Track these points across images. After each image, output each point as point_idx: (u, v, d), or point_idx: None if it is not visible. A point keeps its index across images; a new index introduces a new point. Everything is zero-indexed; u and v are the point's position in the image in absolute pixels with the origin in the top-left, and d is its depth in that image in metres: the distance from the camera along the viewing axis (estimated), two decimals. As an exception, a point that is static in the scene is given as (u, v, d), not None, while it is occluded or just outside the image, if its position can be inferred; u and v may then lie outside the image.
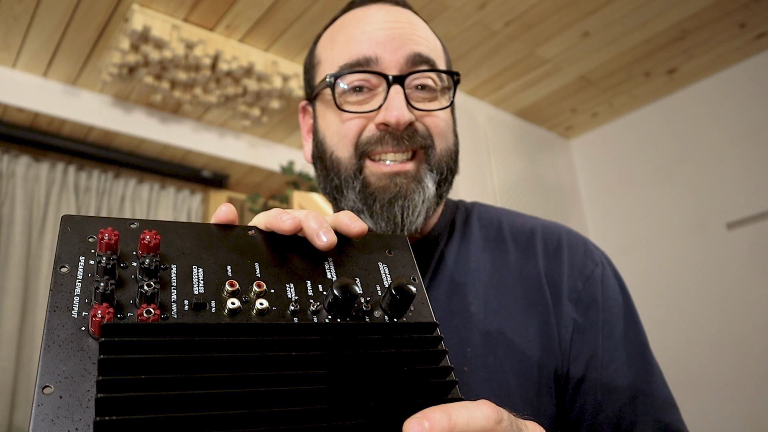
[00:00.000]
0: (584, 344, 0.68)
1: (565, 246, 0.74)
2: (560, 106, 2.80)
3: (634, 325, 0.71)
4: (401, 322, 0.43)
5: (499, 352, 0.67)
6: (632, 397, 0.66)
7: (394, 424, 0.36)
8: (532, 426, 0.40)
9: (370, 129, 0.70)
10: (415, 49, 0.71)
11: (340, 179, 0.72)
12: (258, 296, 0.41)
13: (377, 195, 0.69)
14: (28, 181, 2.49)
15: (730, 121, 2.53)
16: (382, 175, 0.70)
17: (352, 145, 0.71)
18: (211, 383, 0.34)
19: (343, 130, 0.72)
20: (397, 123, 0.68)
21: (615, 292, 0.72)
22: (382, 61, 0.70)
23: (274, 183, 3.05)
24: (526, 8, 2.10)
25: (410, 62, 0.71)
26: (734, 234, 2.43)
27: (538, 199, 2.77)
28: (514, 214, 0.81)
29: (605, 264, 0.74)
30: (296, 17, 2.10)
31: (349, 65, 0.71)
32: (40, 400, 0.32)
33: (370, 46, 0.71)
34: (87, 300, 0.37)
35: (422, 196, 0.70)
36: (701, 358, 2.40)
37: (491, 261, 0.74)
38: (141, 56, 2.15)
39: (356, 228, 0.46)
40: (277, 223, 0.45)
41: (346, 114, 0.72)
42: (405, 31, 0.72)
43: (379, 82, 0.71)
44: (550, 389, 0.67)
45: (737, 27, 2.29)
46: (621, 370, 0.67)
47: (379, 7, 0.75)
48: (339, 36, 0.75)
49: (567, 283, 0.71)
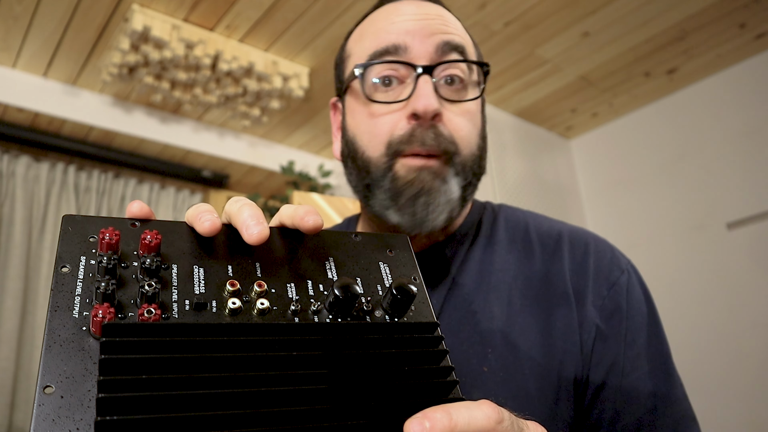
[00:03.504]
0: (606, 351, 0.67)
1: (591, 252, 0.73)
2: (560, 106, 2.80)
3: (658, 336, 0.70)
4: (402, 321, 0.43)
5: (519, 353, 0.66)
6: (652, 408, 0.65)
7: (395, 424, 0.36)
8: (533, 426, 0.40)
9: (401, 126, 0.69)
10: (445, 38, 0.70)
11: (371, 178, 0.71)
12: (259, 296, 0.41)
13: (404, 189, 0.68)
14: (28, 181, 2.49)
15: (730, 121, 2.53)
16: (411, 168, 0.68)
17: (384, 144, 0.70)
18: (212, 383, 0.34)
19: (374, 129, 0.71)
20: (425, 111, 0.67)
21: (640, 301, 0.71)
22: (411, 50, 0.70)
23: (274, 183, 3.06)
24: (526, 8, 2.10)
25: (440, 51, 0.70)
26: (734, 234, 2.43)
27: (538, 199, 2.77)
28: (541, 217, 0.80)
29: (631, 272, 0.73)
30: (296, 17, 2.10)
31: (378, 53, 0.70)
32: (41, 399, 0.32)
33: (399, 35, 0.70)
34: (88, 300, 0.37)
35: (446, 196, 0.69)
36: (701, 358, 2.40)
37: (516, 262, 0.73)
38: (141, 56, 2.15)
39: (310, 222, 0.43)
40: (196, 223, 0.42)
41: (375, 105, 0.71)
42: (435, 21, 0.71)
43: (408, 73, 0.70)
44: (569, 393, 0.66)
45: (737, 27, 2.29)
46: (642, 379, 0.66)
47: (410, 2, 0.74)
48: (369, 29, 0.75)
49: (592, 289, 0.70)
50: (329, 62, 2.35)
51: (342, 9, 2.05)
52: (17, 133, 2.42)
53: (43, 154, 2.56)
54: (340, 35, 2.19)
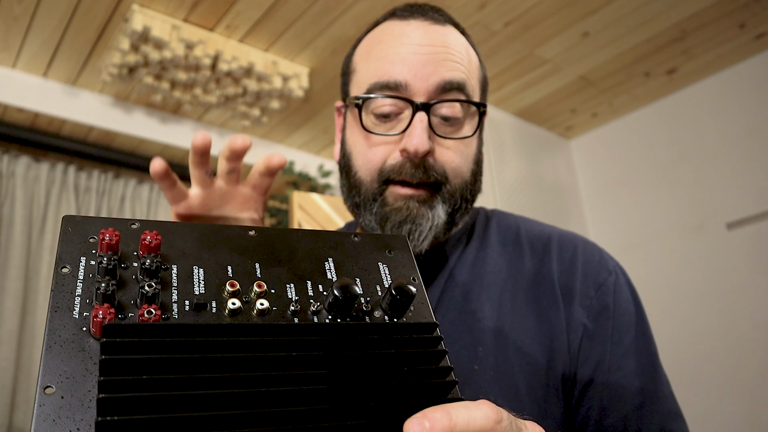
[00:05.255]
0: (593, 350, 0.69)
1: (580, 254, 0.75)
2: (560, 106, 2.80)
3: (645, 335, 0.72)
4: (401, 322, 0.43)
5: (509, 352, 0.68)
6: (639, 405, 0.67)
7: (395, 424, 0.36)
8: (531, 426, 0.40)
9: (393, 157, 0.72)
10: (446, 76, 0.72)
11: (360, 199, 0.75)
12: (258, 296, 0.41)
13: (390, 215, 0.72)
14: (28, 181, 2.49)
15: (730, 121, 2.53)
16: (399, 196, 0.72)
17: (376, 171, 0.73)
18: (212, 383, 0.35)
19: (368, 155, 0.74)
20: (415, 152, 0.69)
21: (627, 301, 0.73)
22: (411, 87, 0.71)
23: (274, 183, 3.05)
24: (526, 8, 2.10)
25: (439, 89, 0.72)
26: (734, 234, 2.43)
27: (538, 199, 2.77)
28: (533, 221, 0.83)
29: (619, 273, 0.75)
30: (296, 17, 2.10)
31: (379, 86, 0.73)
32: (42, 400, 0.33)
33: (402, 71, 0.72)
34: (88, 300, 0.37)
35: (431, 223, 0.71)
36: (701, 358, 2.40)
37: (507, 264, 0.76)
38: (141, 56, 2.15)
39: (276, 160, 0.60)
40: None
41: (371, 135, 0.74)
42: (439, 55, 0.72)
43: (405, 106, 0.72)
44: (557, 391, 0.68)
45: (737, 27, 2.29)
46: (629, 377, 0.68)
47: (418, 25, 0.75)
48: (375, 50, 0.76)
49: (579, 290, 0.72)
50: (329, 62, 2.35)
51: (342, 9, 2.05)
52: (17, 133, 2.42)
53: (43, 154, 2.56)
54: (340, 35, 2.19)
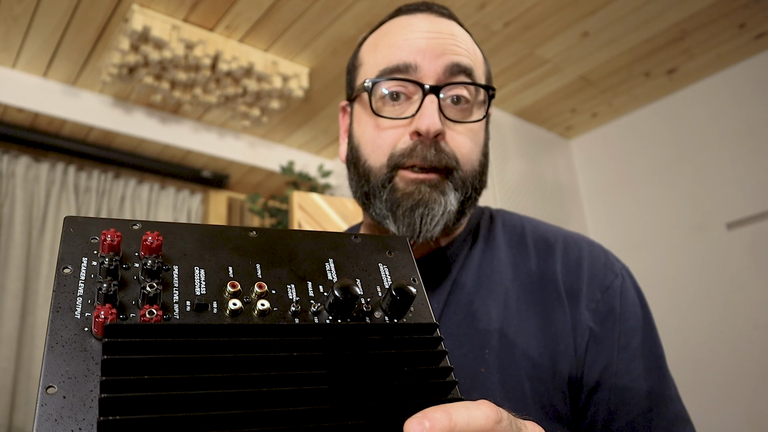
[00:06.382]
0: (600, 353, 0.68)
1: (586, 256, 0.75)
2: (560, 106, 2.80)
3: (652, 339, 0.71)
4: (401, 322, 0.43)
5: (515, 354, 0.68)
6: (646, 409, 0.66)
7: (395, 424, 0.36)
8: (531, 426, 0.40)
9: (404, 141, 0.71)
10: (455, 59, 0.72)
11: (369, 187, 0.73)
12: (259, 297, 0.41)
13: (401, 201, 0.71)
14: (28, 181, 2.49)
15: (730, 121, 2.53)
16: (410, 180, 0.71)
17: (386, 156, 0.72)
18: (213, 383, 0.35)
19: (378, 140, 0.73)
20: (427, 131, 0.69)
21: (634, 304, 0.72)
22: (421, 69, 0.71)
23: (274, 183, 3.06)
24: (526, 8, 2.10)
25: (448, 72, 0.72)
26: (734, 234, 2.43)
27: (538, 199, 2.77)
28: (538, 221, 0.82)
29: (626, 276, 0.74)
30: (296, 17, 2.10)
31: (388, 70, 0.72)
32: (44, 400, 0.33)
33: (411, 54, 0.72)
34: (90, 301, 0.38)
35: (443, 208, 0.70)
36: (701, 358, 2.40)
37: (513, 265, 0.75)
38: (141, 56, 2.15)
39: None
40: None
41: (381, 119, 0.73)
42: (446, 41, 0.73)
43: (415, 90, 0.72)
44: (564, 394, 0.67)
45: (737, 27, 2.29)
46: (636, 381, 0.67)
47: (425, 17, 0.76)
48: (382, 41, 0.76)
49: (585, 292, 0.71)
50: (329, 62, 2.35)
51: (342, 9, 2.06)
52: (17, 134, 2.42)
53: (43, 154, 2.56)
54: (340, 35, 2.19)
